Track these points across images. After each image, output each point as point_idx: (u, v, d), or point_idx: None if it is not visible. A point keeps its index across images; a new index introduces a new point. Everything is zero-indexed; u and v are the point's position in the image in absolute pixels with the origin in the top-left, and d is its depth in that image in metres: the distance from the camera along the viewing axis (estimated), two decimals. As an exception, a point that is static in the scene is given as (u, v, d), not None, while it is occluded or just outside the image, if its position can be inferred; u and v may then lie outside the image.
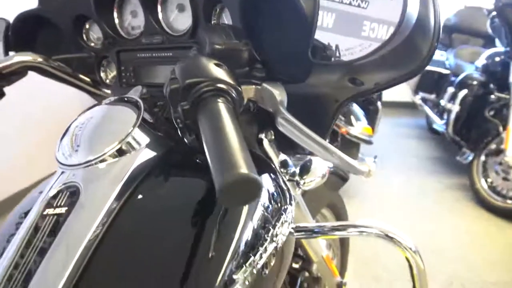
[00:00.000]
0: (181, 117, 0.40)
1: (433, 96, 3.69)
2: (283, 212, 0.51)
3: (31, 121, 2.71)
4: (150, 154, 0.48)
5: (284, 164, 0.73)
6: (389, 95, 4.56)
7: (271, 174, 0.54)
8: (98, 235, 0.40)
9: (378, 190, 2.84)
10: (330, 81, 0.48)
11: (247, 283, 0.42)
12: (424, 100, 3.83)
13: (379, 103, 3.01)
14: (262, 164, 0.57)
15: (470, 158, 2.75)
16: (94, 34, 0.76)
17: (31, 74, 0.76)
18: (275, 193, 0.52)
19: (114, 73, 0.75)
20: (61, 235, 0.40)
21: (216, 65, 0.41)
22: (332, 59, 0.48)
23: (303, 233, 0.80)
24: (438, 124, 3.34)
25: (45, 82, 0.81)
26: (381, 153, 3.46)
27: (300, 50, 0.46)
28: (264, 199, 0.49)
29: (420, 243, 2.18)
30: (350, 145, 2.56)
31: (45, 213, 0.43)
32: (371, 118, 2.93)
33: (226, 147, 0.33)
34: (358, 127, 2.50)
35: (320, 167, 0.74)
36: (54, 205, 0.44)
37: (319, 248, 0.97)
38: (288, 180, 0.73)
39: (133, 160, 0.46)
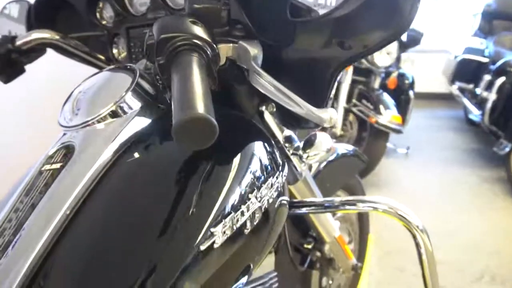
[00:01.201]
0: (158, 73, 0.41)
1: (471, 86, 3.53)
2: (271, 176, 0.51)
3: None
4: (143, 117, 0.50)
5: (288, 139, 0.73)
6: (424, 86, 4.42)
7: (263, 141, 0.54)
8: (87, 190, 0.43)
9: (411, 182, 2.77)
10: (317, 43, 0.48)
11: (225, 237, 0.43)
12: (461, 90, 3.67)
13: (411, 92, 2.93)
14: (253, 130, 0.57)
15: (508, 149, 2.61)
16: (107, 12, 0.79)
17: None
18: (264, 158, 0.52)
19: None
20: (53, 189, 0.43)
21: (192, 22, 0.42)
22: None
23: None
24: (475, 114, 3.20)
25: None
26: (416, 145, 3.36)
27: (279, 9, 0.46)
28: (252, 162, 0.50)
29: (453, 236, 2.12)
30: (379, 134, 2.51)
31: (42, 169, 0.46)
32: (403, 107, 2.86)
33: (189, 91, 0.34)
34: (387, 115, 2.45)
35: (325, 142, 0.73)
36: (51, 162, 0.46)
37: (331, 229, 0.96)
38: (292, 154, 0.73)
39: (126, 122, 0.48)
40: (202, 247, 0.41)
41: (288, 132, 0.74)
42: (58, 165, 0.45)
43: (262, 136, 0.56)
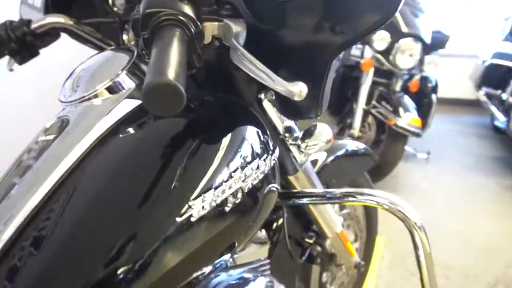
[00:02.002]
0: (143, 47, 0.43)
1: (498, 92, 3.42)
2: (257, 158, 0.52)
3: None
4: (137, 95, 0.51)
5: (288, 129, 0.73)
6: (450, 91, 4.32)
7: (253, 124, 0.55)
8: (77, 160, 0.44)
9: (430, 187, 2.71)
10: (309, 27, 0.49)
11: (204, 212, 0.44)
12: (488, 96, 3.56)
13: (433, 96, 2.86)
14: (245, 113, 0.58)
15: (533, 157, 2.53)
16: (119, 0, 0.82)
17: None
18: (252, 140, 0.53)
19: None
20: (43, 158, 0.45)
21: None
22: None
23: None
24: (501, 121, 3.10)
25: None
26: (437, 150, 3.29)
27: None
28: (238, 143, 0.51)
29: (470, 242, 2.06)
30: (397, 137, 2.47)
31: (38, 140, 0.48)
32: (424, 111, 2.80)
33: (163, 59, 0.35)
34: (406, 118, 2.40)
35: (325, 132, 0.73)
36: (46, 133, 0.49)
37: (333, 223, 0.96)
38: (291, 144, 0.73)
39: (120, 98, 0.50)
40: (179, 219, 0.42)
41: (288, 122, 0.74)
42: (51, 136, 0.47)
43: (252, 119, 0.57)
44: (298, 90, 0.45)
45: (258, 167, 0.51)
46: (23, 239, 0.40)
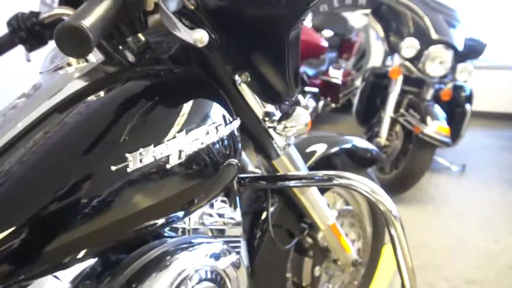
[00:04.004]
0: None
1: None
2: (206, 124, 0.54)
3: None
4: (107, 65, 0.56)
5: (267, 114, 0.75)
6: (492, 105, 4.12)
7: (211, 94, 0.58)
8: (42, 115, 0.49)
9: (462, 200, 2.58)
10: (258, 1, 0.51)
11: (141, 165, 0.47)
12: (532, 109, 3.36)
13: (467, 106, 2.74)
14: (205, 84, 0.61)
15: None
16: None
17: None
18: (205, 108, 0.56)
19: None
20: (11, 113, 0.50)
21: None
22: None
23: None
24: (543, 134, 2.91)
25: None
26: (474, 164, 3.13)
27: None
28: (188, 108, 0.53)
29: (499, 257, 1.96)
30: (424, 146, 2.39)
31: (14, 102, 0.54)
32: (457, 121, 2.69)
33: (85, 10, 0.39)
34: (433, 126, 2.32)
35: (304, 116, 0.74)
36: (20, 98, 0.54)
37: (325, 215, 0.95)
38: (269, 127, 0.75)
39: (90, 66, 0.55)
40: (113, 167, 0.46)
41: (269, 108, 0.76)
42: (23, 99, 0.53)
43: (211, 90, 0.60)
44: (199, 36, 0.47)
45: (207, 133, 0.54)
46: None
